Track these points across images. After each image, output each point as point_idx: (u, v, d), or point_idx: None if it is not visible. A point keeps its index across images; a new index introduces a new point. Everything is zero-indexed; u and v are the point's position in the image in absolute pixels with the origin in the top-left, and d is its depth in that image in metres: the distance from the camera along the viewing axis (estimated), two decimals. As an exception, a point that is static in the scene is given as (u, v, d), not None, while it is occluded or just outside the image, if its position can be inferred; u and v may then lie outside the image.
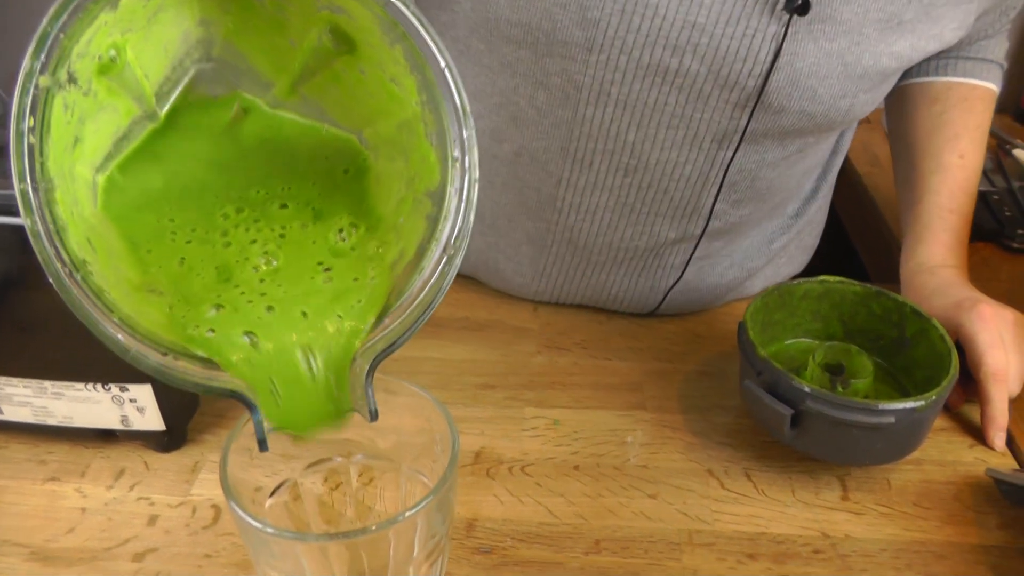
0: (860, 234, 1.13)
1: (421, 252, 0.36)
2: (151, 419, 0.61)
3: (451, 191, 0.36)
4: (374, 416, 0.34)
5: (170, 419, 0.62)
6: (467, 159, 0.36)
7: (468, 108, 0.35)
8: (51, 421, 0.62)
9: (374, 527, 0.32)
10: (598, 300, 0.83)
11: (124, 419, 0.61)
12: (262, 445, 0.33)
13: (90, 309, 0.30)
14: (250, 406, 0.33)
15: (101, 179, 0.35)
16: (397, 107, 0.38)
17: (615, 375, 0.75)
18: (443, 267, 0.35)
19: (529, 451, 0.66)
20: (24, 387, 0.60)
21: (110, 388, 0.59)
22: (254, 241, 0.37)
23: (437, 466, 0.37)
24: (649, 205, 0.73)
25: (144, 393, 0.59)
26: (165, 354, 0.32)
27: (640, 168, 0.70)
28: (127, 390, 0.59)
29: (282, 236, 0.37)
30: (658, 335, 0.81)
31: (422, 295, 0.35)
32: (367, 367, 0.34)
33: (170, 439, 0.64)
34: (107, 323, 0.30)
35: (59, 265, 0.29)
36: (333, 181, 0.40)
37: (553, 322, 0.82)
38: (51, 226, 0.30)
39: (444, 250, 0.35)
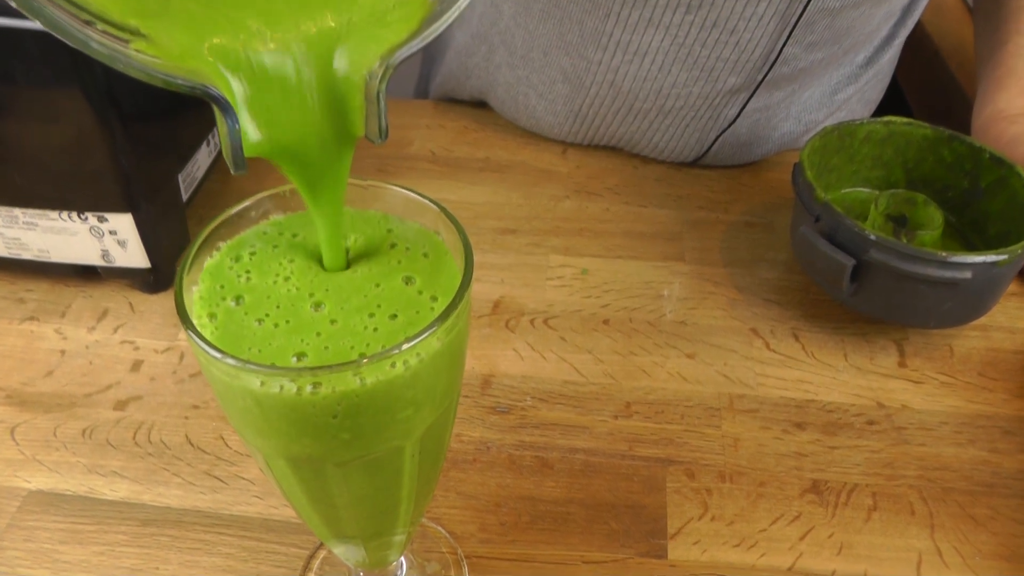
0: (920, 91, 1.04)
1: None
2: (134, 255, 0.55)
3: None
4: (384, 134, 0.27)
5: (155, 256, 0.56)
6: None
7: None
8: (26, 255, 0.57)
9: (365, 360, 0.26)
10: (636, 147, 0.76)
11: (105, 254, 0.56)
12: (238, 164, 0.26)
13: None
14: (225, 108, 0.26)
15: None
16: None
17: (651, 223, 0.69)
18: None
19: (554, 302, 0.61)
20: (-7, 216, 0.54)
21: (87, 218, 0.53)
22: None
23: (450, 287, 0.30)
24: (711, 48, 0.65)
25: (124, 224, 0.53)
26: (95, 27, 0.24)
27: (706, 4, 0.63)
28: (105, 220, 0.53)
29: None
30: (700, 182, 0.74)
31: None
32: (381, 69, 0.27)
33: (156, 278, 0.58)
34: None
35: None
36: None
37: (584, 165, 0.76)
38: None
39: None
